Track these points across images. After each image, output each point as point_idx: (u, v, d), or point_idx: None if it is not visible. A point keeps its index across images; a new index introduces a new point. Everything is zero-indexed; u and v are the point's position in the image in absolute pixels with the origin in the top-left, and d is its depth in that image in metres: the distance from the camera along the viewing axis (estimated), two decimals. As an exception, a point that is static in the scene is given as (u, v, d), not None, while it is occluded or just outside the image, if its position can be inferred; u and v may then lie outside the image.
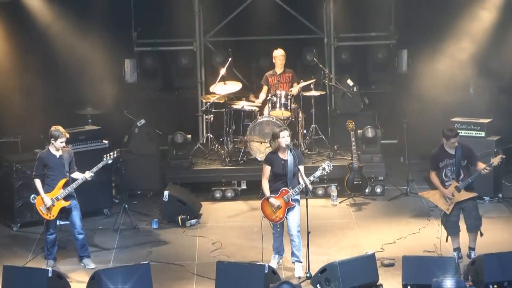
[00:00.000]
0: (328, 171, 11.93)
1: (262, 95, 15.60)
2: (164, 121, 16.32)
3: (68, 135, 12.29)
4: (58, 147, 12.16)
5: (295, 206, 11.82)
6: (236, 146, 15.59)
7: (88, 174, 12.19)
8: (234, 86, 15.56)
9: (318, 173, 11.87)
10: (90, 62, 15.82)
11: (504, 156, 12.29)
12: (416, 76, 16.33)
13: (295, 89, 15.37)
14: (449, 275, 10.51)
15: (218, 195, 15.10)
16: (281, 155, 11.88)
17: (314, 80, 15.46)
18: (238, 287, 10.84)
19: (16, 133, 15.47)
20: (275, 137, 11.92)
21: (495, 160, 12.09)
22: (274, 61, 15.57)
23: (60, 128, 12.18)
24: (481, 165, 11.99)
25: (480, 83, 16.24)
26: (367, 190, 14.98)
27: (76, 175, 12.29)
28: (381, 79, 17.26)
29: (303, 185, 11.66)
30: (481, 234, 12.11)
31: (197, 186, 15.25)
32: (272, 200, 11.79)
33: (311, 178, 11.78)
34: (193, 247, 13.05)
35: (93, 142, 14.35)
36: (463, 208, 12.07)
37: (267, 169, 11.91)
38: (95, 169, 12.25)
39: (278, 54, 15.50)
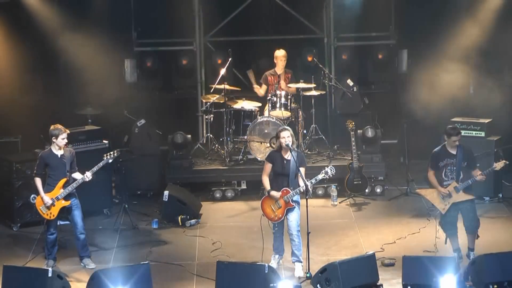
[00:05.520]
0: (331, 175, 11.94)
1: (261, 91, 15.60)
2: (164, 121, 16.31)
3: (68, 131, 12.28)
4: (60, 145, 12.14)
5: (294, 206, 11.82)
6: (236, 146, 15.60)
7: (88, 175, 12.19)
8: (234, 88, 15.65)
9: (320, 177, 11.86)
10: (90, 62, 15.81)
11: (507, 162, 12.27)
12: (416, 76, 16.33)
13: (293, 86, 15.40)
14: (448, 275, 10.53)
15: (218, 195, 15.10)
16: (283, 154, 11.89)
17: (314, 85, 15.46)
18: (238, 287, 10.84)
19: (16, 133, 15.47)
20: (277, 136, 11.96)
21: (498, 165, 12.10)
22: (275, 61, 15.57)
23: (59, 125, 12.18)
24: (477, 173, 11.99)
25: (480, 83, 16.24)
26: (367, 190, 14.98)
27: (76, 175, 12.29)
28: (381, 79, 17.27)
29: (303, 187, 11.66)
30: (477, 237, 12.11)
31: (197, 186, 15.25)
32: (273, 193, 11.79)
33: (313, 180, 11.78)
34: (193, 247, 13.05)
35: (93, 142, 14.35)
36: (461, 209, 12.06)
37: (268, 166, 11.93)
38: (95, 168, 12.25)
39: (280, 55, 15.49)
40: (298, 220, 11.85)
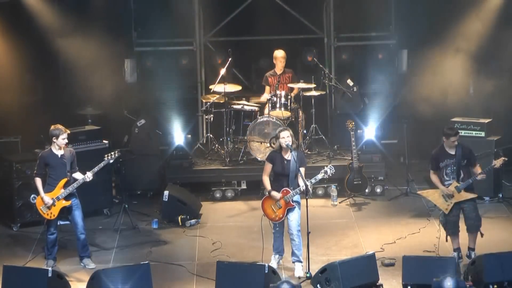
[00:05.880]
0: (330, 175, 11.94)
1: (266, 95, 15.60)
2: (164, 121, 16.29)
3: (68, 131, 12.29)
4: (61, 145, 12.15)
5: (295, 206, 11.83)
6: (236, 146, 15.60)
7: (89, 175, 12.18)
8: (234, 88, 15.60)
9: (319, 176, 11.87)
10: (90, 62, 15.80)
11: (506, 159, 12.28)
12: (416, 76, 16.33)
13: (294, 86, 15.40)
14: (449, 275, 10.52)
15: (218, 195, 15.10)
16: (284, 155, 11.90)
17: (315, 85, 15.46)
18: (238, 287, 10.84)
19: (16, 133, 15.46)
20: (276, 137, 11.98)
21: (497, 162, 12.11)
22: (274, 61, 15.58)
23: (59, 125, 12.19)
24: (477, 169, 11.99)
25: (480, 83, 16.25)
26: (367, 190, 14.98)
27: (77, 175, 12.29)
28: (381, 79, 17.26)
29: (303, 187, 11.66)
30: (481, 235, 12.11)
31: (197, 186, 15.25)
32: (273, 193, 11.80)
33: (312, 180, 11.79)
34: (193, 247, 13.05)
35: (93, 142, 14.35)
36: (463, 208, 12.07)
37: (268, 167, 11.96)
38: (96, 169, 12.25)
39: (279, 56, 15.50)
40: (299, 220, 11.86)
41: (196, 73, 17.22)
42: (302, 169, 11.81)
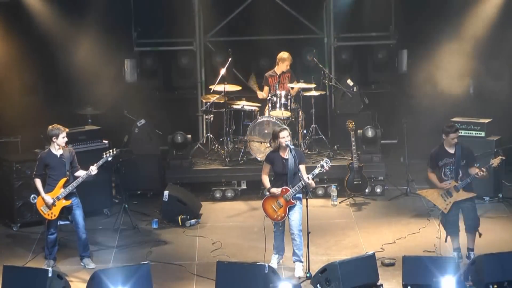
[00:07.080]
0: (327, 168, 11.92)
1: (262, 93, 15.62)
2: (164, 121, 16.31)
3: (67, 129, 12.29)
4: (61, 144, 12.14)
5: (296, 204, 11.82)
6: (236, 146, 15.60)
7: (93, 168, 12.15)
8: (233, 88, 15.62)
9: (316, 171, 11.87)
10: (90, 62, 15.81)
11: (504, 157, 12.28)
12: (416, 76, 16.34)
13: (295, 86, 15.39)
14: (449, 275, 10.53)
15: (218, 195, 15.10)
16: (282, 154, 11.90)
17: (315, 85, 15.45)
18: (238, 287, 10.84)
19: (16, 133, 15.46)
20: (275, 137, 11.95)
21: (495, 161, 12.10)
22: (280, 62, 15.48)
23: (57, 125, 12.18)
24: (474, 170, 11.98)
25: (480, 83, 16.24)
26: (367, 190, 14.98)
27: (80, 172, 12.28)
28: (381, 79, 17.27)
29: (303, 184, 11.67)
30: (480, 235, 12.11)
31: (197, 186, 15.25)
32: (273, 189, 11.80)
33: (310, 175, 11.79)
34: (193, 247, 13.05)
35: (93, 142, 14.35)
36: (462, 208, 12.07)
37: (267, 167, 12.00)
38: (95, 166, 12.25)
39: (288, 58, 15.43)
40: (300, 219, 11.86)
41: (196, 73, 17.23)
42: (302, 167, 11.81)
